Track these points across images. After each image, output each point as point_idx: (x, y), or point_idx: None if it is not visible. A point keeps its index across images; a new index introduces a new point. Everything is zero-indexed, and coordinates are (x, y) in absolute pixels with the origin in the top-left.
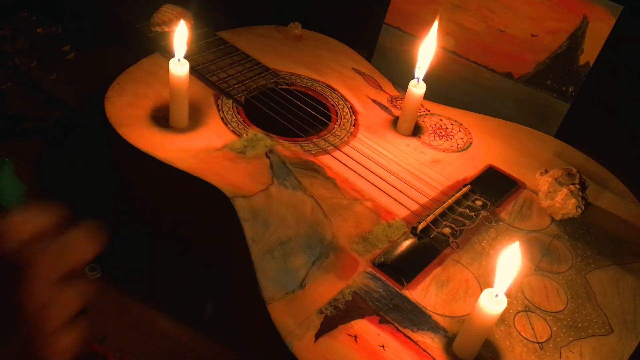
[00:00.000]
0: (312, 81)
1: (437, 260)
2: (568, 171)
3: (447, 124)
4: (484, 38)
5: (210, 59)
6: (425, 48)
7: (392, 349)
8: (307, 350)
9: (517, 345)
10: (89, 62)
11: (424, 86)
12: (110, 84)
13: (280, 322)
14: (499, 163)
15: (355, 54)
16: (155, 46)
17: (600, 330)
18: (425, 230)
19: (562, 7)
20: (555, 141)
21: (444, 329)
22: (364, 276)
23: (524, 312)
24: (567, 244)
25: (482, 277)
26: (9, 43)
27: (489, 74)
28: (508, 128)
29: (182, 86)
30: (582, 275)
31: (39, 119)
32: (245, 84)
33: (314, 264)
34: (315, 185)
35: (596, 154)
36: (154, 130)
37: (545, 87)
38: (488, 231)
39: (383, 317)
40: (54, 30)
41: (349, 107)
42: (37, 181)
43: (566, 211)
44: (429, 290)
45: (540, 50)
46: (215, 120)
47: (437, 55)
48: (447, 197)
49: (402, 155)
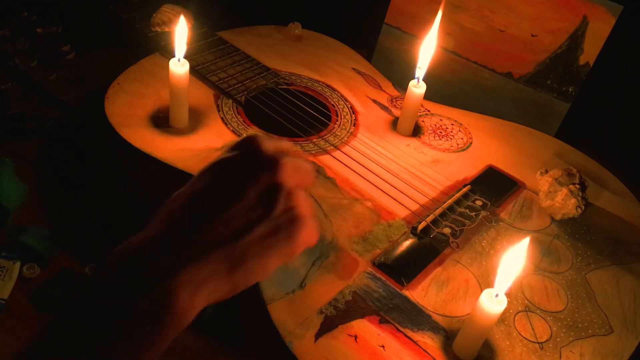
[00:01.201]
0: (312, 81)
1: (437, 260)
2: (568, 171)
3: (447, 124)
4: (484, 38)
5: (210, 59)
6: (426, 48)
7: (392, 349)
8: (307, 350)
9: (517, 345)
10: (89, 62)
11: (424, 86)
12: (110, 84)
13: (280, 322)
14: (499, 163)
15: (355, 54)
16: (155, 46)
17: (600, 330)
18: (425, 230)
19: (562, 7)
20: (555, 141)
21: (444, 329)
22: (364, 276)
23: (524, 312)
24: (567, 244)
25: (482, 277)
26: (9, 43)
27: (489, 74)
28: (508, 128)
29: (182, 86)
30: (582, 275)
31: (39, 119)
32: (245, 84)
33: (314, 264)
34: (315, 185)
35: (596, 154)
36: (154, 130)
37: (545, 87)
38: (488, 231)
39: (383, 317)
40: (54, 30)
41: (349, 107)
42: (37, 181)
43: (566, 211)
44: (429, 290)
45: (540, 50)
46: (216, 120)
47: (437, 55)
48: (447, 197)
49: (402, 155)
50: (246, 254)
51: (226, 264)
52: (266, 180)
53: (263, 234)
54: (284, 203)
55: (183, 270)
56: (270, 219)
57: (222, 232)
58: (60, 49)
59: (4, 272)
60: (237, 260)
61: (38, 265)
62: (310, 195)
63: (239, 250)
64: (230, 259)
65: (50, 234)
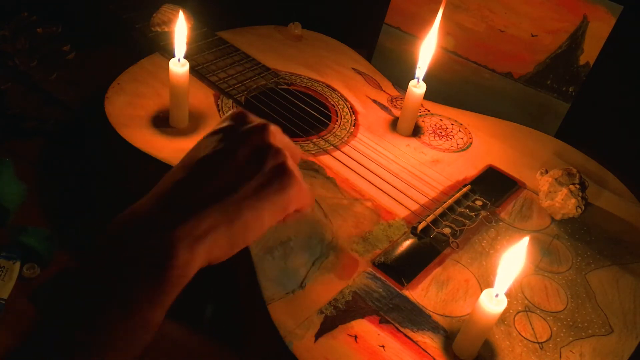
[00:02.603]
0: (312, 81)
1: (437, 260)
2: (568, 171)
3: (447, 124)
4: (484, 38)
5: (210, 59)
6: (425, 48)
7: (392, 349)
8: (307, 350)
9: (517, 345)
10: (89, 62)
11: (424, 86)
12: (110, 84)
13: (280, 322)
14: (499, 163)
15: (355, 54)
16: (155, 46)
17: (600, 330)
18: (426, 230)
19: (562, 7)
20: (555, 141)
21: (444, 329)
22: (364, 276)
23: (524, 312)
24: (567, 244)
25: (482, 277)
26: (9, 43)
27: (489, 74)
28: (508, 128)
29: (182, 86)
30: (582, 275)
31: (39, 119)
32: (245, 84)
33: (314, 264)
34: (315, 185)
35: (596, 154)
36: (154, 130)
37: (545, 87)
38: (488, 231)
39: (383, 317)
40: (54, 30)
41: (349, 107)
42: (37, 181)
43: (566, 211)
44: (429, 290)
45: (540, 50)
46: (216, 120)
47: (437, 55)
48: (447, 197)
49: (402, 155)
50: (241, 206)
51: (223, 217)
52: (256, 141)
53: (255, 186)
54: (274, 160)
55: (181, 224)
56: (261, 174)
57: (217, 187)
58: (60, 49)
59: (4, 272)
60: (233, 213)
61: (38, 265)
62: None
63: (235, 202)
64: (226, 212)
65: (50, 234)
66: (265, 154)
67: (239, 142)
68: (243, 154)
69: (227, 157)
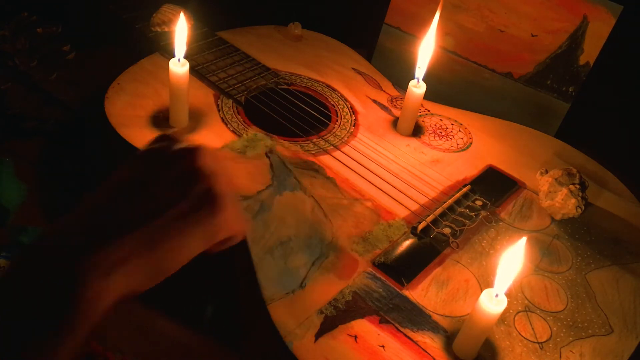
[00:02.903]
0: (312, 81)
1: (437, 260)
2: (568, 171)
3: (447, 124)
4: (484, 38)
5: (210, 59)
6: (425, 48)
7: (392, 349)
8: (307, 350)
9: (517, 345)
10: (89, 62)
11: (424, 86)
12: (110, 84)
13: (280, 322)
14: (499, 163)
15: (355, 54)
16: (155, 46)
17: (600, 330)
18: (425, 230)
19: (562, 7)
20: (555, 141)
21: (444, 329)
22: (364, 276)
23: (524, 312)
24: (567, 244)
25: (482, 277)
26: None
27: (489, 74)
28: (508, 128)
29: (182, 86)
30: (582, 275)
31: (39, 119)
32: (245, 84)
33: (314, 264)
34: (315, 185)
35: (596, 154)
36: (154, 130)
37: (545, 87)
38: (488, 231)
39: (383, 317)
40: (54, 30)
41: (349, 107)
42: (37, 181)
43: (566, 211)
44: (429, 290)
45: (540, 50)
46: (216, 120)
47: (437, 55)
48: (447, 197)
49: (402, 155)
50: (164, 233)
51: (144, 244)
52: (183, 165)
53: (182, 212)
54: (201, 185)
55: (96, 251)
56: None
57: (138, 212)
58: (60, 49)
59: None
60: (157, 239)
61: None
62: (310, 195)
63: (157, 228)
64: (148, 239)
65: None
66: (192, 178)
67: (165, 166)
68: (168, 179)
69: (150, 182)
